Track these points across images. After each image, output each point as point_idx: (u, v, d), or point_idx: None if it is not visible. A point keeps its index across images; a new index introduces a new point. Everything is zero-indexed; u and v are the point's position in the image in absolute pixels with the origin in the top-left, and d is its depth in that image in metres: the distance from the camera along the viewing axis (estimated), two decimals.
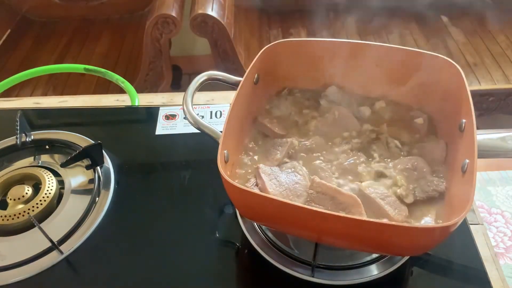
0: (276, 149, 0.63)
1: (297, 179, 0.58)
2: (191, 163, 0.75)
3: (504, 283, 0.58)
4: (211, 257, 0.62)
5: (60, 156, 0.77)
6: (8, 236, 0.64)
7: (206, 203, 0.68)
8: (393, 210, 0.54)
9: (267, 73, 0.67)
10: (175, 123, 0.82)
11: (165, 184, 0.72)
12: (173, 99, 0.91)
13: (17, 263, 0.60)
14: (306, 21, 1.93)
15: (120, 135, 0.84)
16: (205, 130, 0.57)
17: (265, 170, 0.58)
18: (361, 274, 0.58)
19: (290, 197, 0.56)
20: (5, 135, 0.79)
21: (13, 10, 2.01)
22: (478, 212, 0.67)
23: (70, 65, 1.11)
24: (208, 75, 0.63)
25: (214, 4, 1.56)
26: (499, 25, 1.88)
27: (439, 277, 0.59)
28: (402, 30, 1.87)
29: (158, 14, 1.53)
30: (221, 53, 1.63)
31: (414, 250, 0.52)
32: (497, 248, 0.84)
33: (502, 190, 0.92)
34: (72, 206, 0.68)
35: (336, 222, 0.46)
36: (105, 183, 0.72)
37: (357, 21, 1.78)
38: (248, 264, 0.62)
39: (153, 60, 1.66)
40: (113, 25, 2.02)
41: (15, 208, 0.66)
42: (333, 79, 0.70)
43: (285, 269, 0.59)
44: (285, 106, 0.70)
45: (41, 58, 1.81)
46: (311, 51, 0.68)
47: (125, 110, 0.89)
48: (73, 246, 0.62)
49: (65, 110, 0.89)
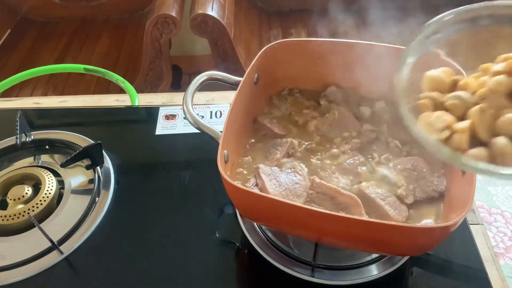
0: (276, 149, 0.63)
1: (297, 179, 0.58)
2: (191, 163, 0.75)
3: (504, 283, 0.58)
4: (211, 257, 0.62)
5: (60, 156, 0.77)
6: (8, 236, 0.64)
7: (206, 203, 0.68)
8: (393, 210, 0.54)
9: (267, 73, 0.67)
10: (175, 123, 0.82)
11: (165, 184, 0.72)
12: (173, 99, 0.91)
13: (17, 263, 0.60)
14: (306, 21, 1.93)
15: (120, 135, 0.84)
16: (205, 130, 0.57)
17: (265, 170, 0.58)
18: (361, 274, 0.58)
19: (290, 197, 0.56)
20: (5, 135, 0.79)
21: (13, 10, 2.01)
22: (478, 212, 0.67)
23: (70, 65, 1.11)
24: (208, 75, 0.63)
25: (214, 4, 1.56)
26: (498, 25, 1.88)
27: (439, 277, 0.59)
28: (402, 29, 1.87)
29: (158, 14, 1.53)
30: (221, 53, 1.63)
31: (414, 250, 0.52)
32: (497, 248, 0.84)
33: (502, 190, 0.92)
34: (72, 206, 0.68)
35: (336, 222, 0.46)
36: (105, 183, 0.72)
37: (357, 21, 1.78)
38: (248, 264, 0.62)
39: (153, 60, 1.65)
40: (113, 25, 2.01)
41: (15, 208, 0.66)
42: (333, 79, 0.70)
43: (285, 269, 0.59)
44: (285, 106, 0.70)
45: (41, 58, 1.81)
46: (311, 51, 0.68)
47: (125, 110, 0.89)
48: (73, 246, 0.62)
49: (65, 110, 0.89)
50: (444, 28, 0.37)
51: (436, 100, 0.34)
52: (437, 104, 0.34)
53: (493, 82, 0.32)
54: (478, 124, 0.31)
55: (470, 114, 0.32)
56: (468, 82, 0.34)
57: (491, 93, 0.32)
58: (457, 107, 0.33)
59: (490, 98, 0.32)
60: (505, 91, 0.32)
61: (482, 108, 0.31)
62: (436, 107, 0.34)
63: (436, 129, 0.33)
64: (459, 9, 0.36)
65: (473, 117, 0.31)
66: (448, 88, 0.35)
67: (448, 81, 0.35)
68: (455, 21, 0.37)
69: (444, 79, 0.35)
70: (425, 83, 0.35)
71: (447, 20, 0.36)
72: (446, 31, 0.37)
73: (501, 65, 0.32)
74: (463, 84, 0.34)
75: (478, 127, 0.31)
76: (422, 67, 0.37)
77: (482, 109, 0.31)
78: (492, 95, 0.32)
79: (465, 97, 0.33)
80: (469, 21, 0.36)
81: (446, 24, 0.37)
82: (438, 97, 0.34)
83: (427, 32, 0.37)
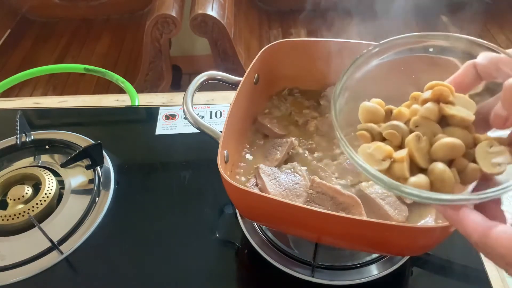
0: (276, 149, 0.63)
1: (297, 179, 0.58)
2: (191, 163, 0.75)
3: (504, 283, 0.58)
4: (211, 257, 0.62)
5: (60, 156, 0.77)
6: (8, 236, 0.64)
7: (206, 203, 0.68)
8: (393, 210, 0.54)
9: (267, 73, 0.67)
10: (175, 123, 0.82)
11: (165, 184, 0.72)
12: (173, 99, 0.91)
13: (17, 263, 0.60)
14: (306, 21, 1.93)
15: (120, 135, 0.84)
16: (205, 130, 0.57)
17: (265, 170, 0.58)
18: (361, 274, 0.58)
19: (290, 197, 0.56)
20: (5, 135, 0.79)
21: (13, 10, 2.01)
22: None
23: (70, 65, 1.11)
24: (208, 75, 0.63)
25: (214, 4, 1.56)
26: (498, 25, 1.88)
27: (439, 277, 0.59)
28: (402, 30, 1.87)
29: (158, 14, 1.53)
30: (221, 53, 1.63)
31: (414, 250, 0.52)
32: None
33: None
34: (72, 206, 0.68)
35: (336, 222, 0.46)
36: (105, 183, 0.72)
37: (357, 21, 1.78)
38: (248, 264, 0.62)
39: (153, 60, 1.65)
40: (113, 25, 2.01)
41: (15, 208, 0.66)
42: (333, 79, 0.70)
43: (285, 269, 0.59)
44: (285, 106, 0.70)
45: (41, 58, 1.81)
46: (311, 51, 0.67)
47: (125, 110, 0.89)
48: (73, 246, 0.62)
49: (65, 110, 0.89)
50: (373, 58, 0.39)
51: (373, 130, 0.35)
52: (374, 134, 0.35)
53: (423, 110, 0.34)
54: (415, 151, 0.32)
55: (407, 143, 0.33)
56: (401, 110, 0.35)
57: (423, 120, 0.33)
58: (394, 136, 0.34)
59: (423, 125, 0.33)
60: (435, 118, 0.33)
61: (417, 135, 0.32)
62: (373, 137, 0.35)
63: (376, 160, 0.33)
64: (382, 42, 0.38)
65: (409, 145, 0.32)
66: (383, 118, 0.36)
67: (382, 111, 0.36)
68: (382, 52, 0.38)
69: (378, 109, 0.36)
70: (360, 114, 0.36)
71: (375, 52, 0.38)
72: (376, 60, 0.39)
73: (428, 93, 0.34)
74: (397, 113, 0.35)
75: (415, 155, 0.32)
76: (357, 96, 0.38)
77: (417, 136, 0.32)
78: (424, 122, 0.33)
79: (401, 126, 0.34)
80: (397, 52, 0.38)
81: (375, 55, 0.38)
82: (374, 127, 0.35)
83: (359, 63, 0.38)
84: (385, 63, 0.39)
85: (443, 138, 0.32)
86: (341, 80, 0.37)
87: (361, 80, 0.38)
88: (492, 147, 0.32)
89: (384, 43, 0.38)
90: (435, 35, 0.37)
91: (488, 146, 0.32)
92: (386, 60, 0.39)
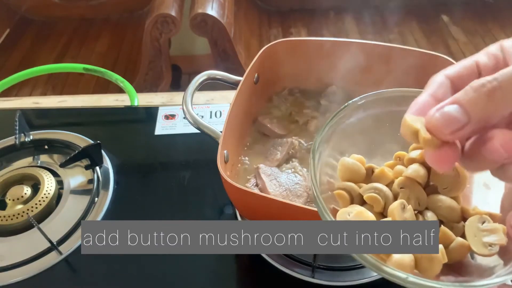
0: (276, 149, 0.63)
1: (297, 179, 0.58)
2: (191, 163, 0.75)
3: None
4: (211, 258, 0.62)
5: (59, 156, 0.77)
6: (7, 237, 0.64)
7: (206, 203, 0.68)
8: None
9: (267, 73, 0.67)
10: (175, 123, 0.82)
11: (165, 184, 0.72)
12: (172, 99, 0.90)
13: (16, 264, 0.60)
14: (306, 21, 1.93)
15: (119, 135, 0.83)
16: (205, 130, 0.57)
17: (265, 170, 0.58)
18: (362, 274, 0.58)
19: (290, 198, 0.56)
20: (4, 135, 0.79)
21: (12, 9, 2.01)
22: None
23: (69, 64, 1.10)
24: (208, 74, 0.63)
25: (214, 4, 1.56)
26: (499, 24, 1.88)
27: None
28: (402, 29, 1.88)
29: (157, 13, 1.52)
30: (221, 52, 1.63)
31: None
32: None
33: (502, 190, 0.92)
34: (71, 206, 0.68)
35: None
36: (104, 183, 0.71)
37: (358, 21, 1.79)
38: (248, 264, 0.62)
39: (152, 60, 1.65)
40: (113, 24, 2.01)
41: (14, 209, 0.66)
42: (333, 79, 0.70)
43: (285, 270, 0.59)
44: (285, 106, 0.70)
45: (40, 57, 1.81)
46: (312, 50, 0.67)
47: (124, 110, 0.88)
48: (72, 247, 0.62)
49: (64, 110, 0.89)
50: (359, 110, 0.36)
51: (353, 191, 0.32)
52: (354, 195, 0.32)
53: (410, 171, 0.31)
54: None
55: (390, 211, 0.29)
56: (384, 170, 0.32)
57: (409, 181, 0.31)
58: (376, 201, 0.31)
59: (408, 187, 0.30)
60: (422, 181, 0.30)
61: (402, 203, 0.29)
62: (352, 199, 0.32)
63: None
64: (368, 95, 0.35)
65: (393, 215, 0.29)
66: (364, 177, 0.33)
67: (363, 169, 0.33)
68: (368, 104, 0.35)
69: (359, 167, 0.33)
70: (339, 171, 0.33)
71: (360, 104, 0.35)
72: (362, 113, 0.36)
73: (416, 153, 0.31)
74: (379, 173, 0.33)
75: None
76: (337, 153, 0.35)
77: (402, 205, 0.29)
78: (410, 184, 0.30)
79: (383, 190, 0.31)
80: (383, 105, 0.35)
81: (361, 107, 0.35)
82: (354, 188, 0.32)
83: (342, 114, 0.35)
84: (370, 116, 0.36)
85: (429, 213, 0.29)
86: (322, 132, 0.34)
87: (343, 133, 0.35)
88: (484, 223, 0.28)
89: (370, 95, 0.35)
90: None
91: (479, 222, 0.29)
92: (372, 112, 0.36)
